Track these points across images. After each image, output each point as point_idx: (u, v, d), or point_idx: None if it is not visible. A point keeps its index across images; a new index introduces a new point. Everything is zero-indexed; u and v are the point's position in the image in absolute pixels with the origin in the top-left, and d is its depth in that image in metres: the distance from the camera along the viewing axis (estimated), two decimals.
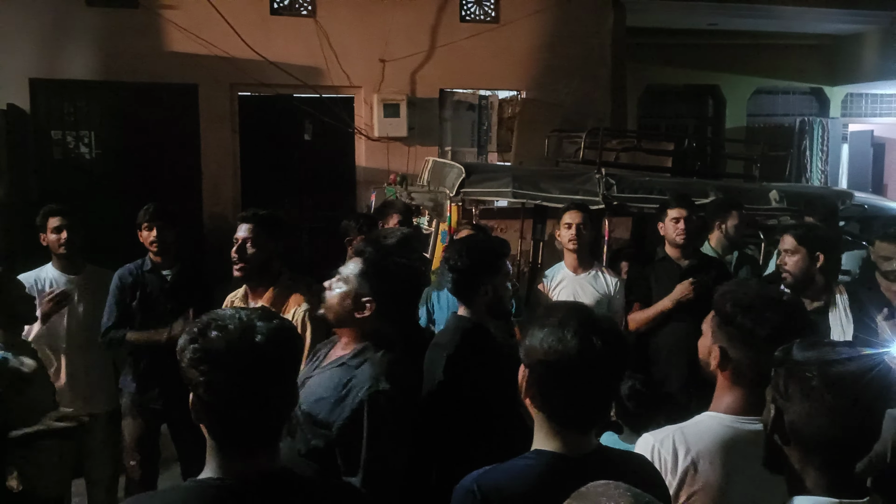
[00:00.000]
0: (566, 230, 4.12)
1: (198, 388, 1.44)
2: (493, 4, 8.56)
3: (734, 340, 1.82)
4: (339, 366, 2.24)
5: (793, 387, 1.41)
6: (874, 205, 6.40)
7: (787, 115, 12.40)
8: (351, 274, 2.31)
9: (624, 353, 1.63)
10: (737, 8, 9.93)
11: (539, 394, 1.59)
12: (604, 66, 8.78)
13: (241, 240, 3.09)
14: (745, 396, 1.82)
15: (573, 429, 1.60)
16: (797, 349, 1.46)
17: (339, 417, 2.12)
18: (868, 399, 1.38)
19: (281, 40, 7.84)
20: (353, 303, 2.27)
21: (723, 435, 1.79)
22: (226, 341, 1.43)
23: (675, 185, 5.21)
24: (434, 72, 8.34)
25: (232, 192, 7.98)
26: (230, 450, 1.47)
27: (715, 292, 1.95)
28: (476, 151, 8.87)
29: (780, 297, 1.87)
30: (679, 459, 1.76)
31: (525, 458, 1.61)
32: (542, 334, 1.57)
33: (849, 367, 1.38)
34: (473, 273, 2.67)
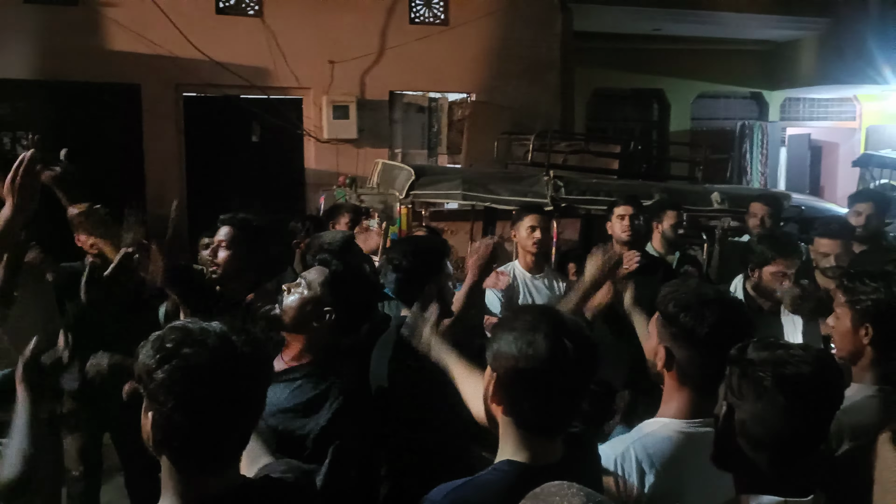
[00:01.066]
0: (529, 233, 4.13)
1: (173, 411, 1.33)
2: (442, 7, 8.58)
3: (677, 340, 1.84)
4: (304, 376, 2.21)
5: (746, 386, 1.44)
6: (811, 206, 6.63)
7: (728, 118, 12.74)
8: (315, 281, 2.28)
9: (594, 357, 1.58)
10: (680, 14, 10.17)
11: (508, 399, 1.54)
12: (552, 69, 8.89)
13: (217, 242, 3.01)
14: (692, 399, 1.83)
15: (542, 435, 1.56)
16: (752, 349, 1.49)
17: (315, 428, 2.09)
18: (818, 400, 1.42)
19: (227, 40, 7.71)
20: (314, 311, 2.24)
21: (679, 442, 1.80)
22: (207, 357, 1.34)
23: (621, 187, 5.30)
24: (384, 74, 8.32)
25: (177, 194, 7.79)
26: (194, 471, 1.39)
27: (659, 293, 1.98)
28: (426, 153, 8.89)
29: (718, 296, 1.88)
30: (645, 473, 1.76)
31: (496, 470, 1.55)
32: (511, 338, 1.52)
33: (801, 369, 1.41)
34: (417, 273, 2.67)
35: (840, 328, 2.13)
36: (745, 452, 1.46)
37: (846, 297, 2.11)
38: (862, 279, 2.08)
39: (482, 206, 5.28)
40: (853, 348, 2.09)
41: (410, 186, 5.06)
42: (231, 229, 2.99)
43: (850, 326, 2.09)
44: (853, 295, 2.09)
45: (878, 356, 2.06)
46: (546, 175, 5.21)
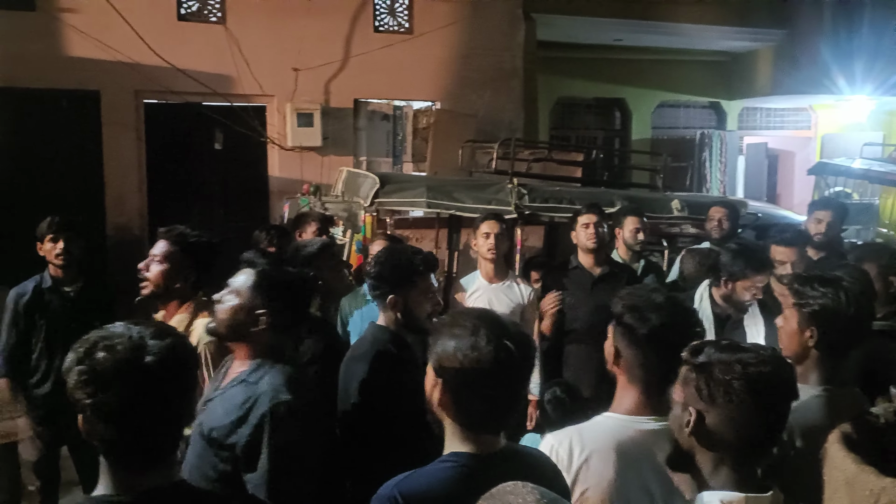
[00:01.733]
0: (484, 240, 4.13)
1: (84, 409, 1.40)
2: (406, 16, 8.61)
3: (623, 338, 1.92)
4: (240, 383, 2.17)
5: (716, 390, 1.48)
6: (768, 213, 6.78)
7: (688, 127, 12.97)
8: (243, 286, 2.24)
9: (532, 358, 1.66)
10: (640, 25, 10.34)
11: (452, 402, 1.58)
12: (516, 78, 8.97)
13: (151, 256, 2.93)
14: (638, 397, 1.90)
15: (485, 432, 1.62)
16: (710, 352, 1.53)
17: (243, 436, 2.05)
18: (781, 398, 1.49)
19: (189, 47, 7.64)
20: (247, 316, 2.21)
21: (616, 434, 1.86)
22: (113, 362, 1.39)
23: (584, 195, 5.36)
24: (348, 81, 8.31)
25: (138, 204, 7.71)
26: (121, 467, 1.45)
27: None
28: (391, 161, 8.89)
29: (666, 300, 1.94)
30: (574, 457, 1.82)
31: (442, 461, 1.61)
32: (454, 342, 1.56)
33: (763, 369, 1.46)
34: (383, 281, 2.68)
35: (787, 329, 2.19)
36: (711, 454, 1.50)
37: (795, 299, 2.17)
38: (812, 283, 2.14)
39: (447, 214, 5.30)
40: (799, 349, 2.14)
41: (375, 194, 5.05)
42: (167, 244, 2.91)
43: (795, 328, 2.15)
44: (801, 298, 2.14)
45: (822, 358, 2.12)
46: (510, 183, 5.25)
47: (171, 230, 2.98)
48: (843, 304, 2.09)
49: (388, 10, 8.57)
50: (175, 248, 2.92)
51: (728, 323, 3.58)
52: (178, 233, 2.97)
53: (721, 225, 4.88)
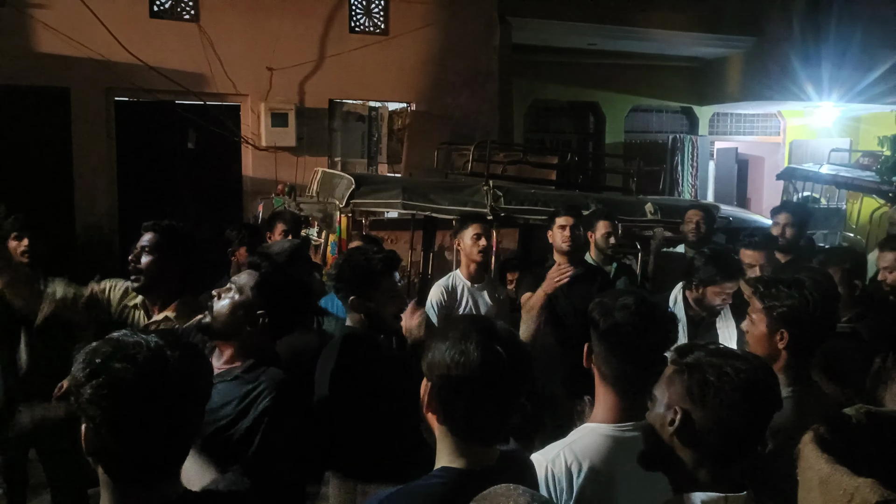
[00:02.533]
0: (474, 242, 4.14)
1: (100, 425, 1.32)
2: (382, 17, 8.60)
3: (593, 335, 1.96)
4: (234, 379, 2.18)
5: (707, 393, 1.49)
6: (738, 217, 6.87)
7: (660, 132, 13.12)
8: (246, 285, 2.26)
9: (527, 365, 1.61)
10: (614, 30, 10.45)
11: (442, 407, 1.55)
12: (491, 80, 9.00)
13: (140, 248, 2.90)
14: (616, 403, 1.91)
15: (476, 442, 1.57)
16: (698, 355, 1.54)
17: (241, 429, 2.07)
18: (767, 400, 1.51)
19: (161, 44, 7.55)
20: (246, 314, 2.22)
21: (606, 446, 1.86)
22: (134, 374, 1.32)
23: (558, 198, 5.40)
24: (323, 82, 8.28)
25: (108, 203, 7.60)
26: (129, 481, 1.38)
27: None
28: (366, 162, 8.87)
29: (638, 301, 1.96)
30: (573, 474, 1.81)
31: (432, 477, 1.56)
32: (444, 347, 1.53)
33: (757, 376, 1.49)
34: (344, 283, 2.69)
35: (755, 332, 2.22)
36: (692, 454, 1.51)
37: (762, 303, 2.20)
38: (776, 286, 2.18)
39: (422, 216, 5.30)
40: (769, 352, 2.17)
41: (350, 195, 5.04)
42: (154, 235, 2.89)
43: (765, 331, 2.18)
44: (769, 301, 2.18)
45: (792, 359, 2.17)
46: (485, 185, 5.27)
47: (158, 222, 2.97)
48: (810, 304, 2.13)
49: (363, 10, 8.55)
50: (164, 239, 2.90)
51: (701, 325, 3.64)
52: (165, 224, 2.96)
53: (699, 228, 4.95)
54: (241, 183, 8.16)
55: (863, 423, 1.26)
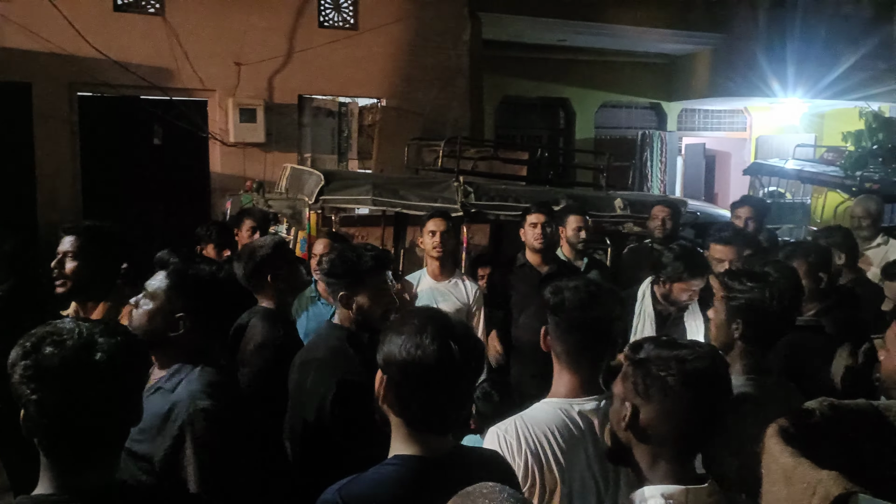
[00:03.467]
0: (430, 238, 4.13)
1: (28, 405, 1.36)
2: (351, 11, 8.54)
3: (549, 319, 2.03)
4: (156, 391, 2.07)
5: (652, 386, 1.51)
6: (706, 212, 6.96)
7: (630, 127, 13.23)
8: (158, 289, 2.15)
9: (479, 357, 1.67)
10: (583, 26, 10.49)
11: (397, 399, 1.59)
12: (461, 76, 8.99)
13: (62, 253, 2.75)
14: (571, 379, 1.98)
15: (430, 432, 1.61)
16: (648, 348, 1.56)
17: (161, 448, 1.96)
18: (717, 392, 1.52)
19: (126, 38, 7.41)
20: (165, 321, 2.12)
21: (557, 417, 1.92)
22: (60, 358, 1.35)
23: (529, 194, 5.41)
24: (292, 77, 8.20)
25: (72, 200, 7.45)
26: (62, 466, 1.41)
27: None
28: (336, 158, 8.81)
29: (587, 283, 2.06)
30: (521, 443, 1.86)
31: (386, 464, 1.60)
32: (399, 340, 1.57)
33: (699, 365, 1.50)
34: (334, 278, 2.65)
35: (716, 321, 2.30)
36: (648, 448, 1.52)
37: (723, 292, 2.26)
38: (741, 278, 2.23)
39: (393, 212, 5.27)
40: (726, 340, 2.26)
41: (320, 192, 4.99)
42: (76, 238, 2.75)
43: (724, 320, 2.26)
44: (729, 291, 2.24)
45: (746, 349, 2.23)
46: (456, 181, 5.26)
47: (77, 225, 2.85)
48: (768, 298, 2.18)
49: (332, 5, 8.48)
50: (85, 242, 2.77)
51: (669, 319, 3.67)
52: (85, 226, 2.83)
53: (664, 224, 4.99)
54: (208, 179, 8.06)
55: (826, 416, 1.28)
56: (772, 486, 1.15)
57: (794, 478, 1.09)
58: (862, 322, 3.32)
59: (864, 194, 6.14)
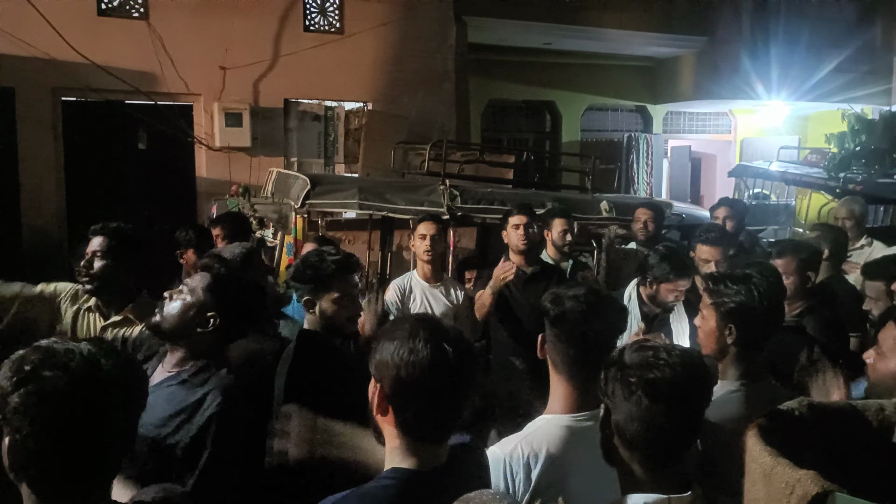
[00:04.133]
0: (421, 241, 4.13)
1: (27, 437, 1.25)
2: (337, 15, 8.54)
3: (546, 328, 2.00)
4: (180, 383, 2.15)
5: (617, 389, 1.51)
6: (692, 214, 7.00)
7: (615, 130, 13.29)
8: (198, 286, 2.25)
9: (474, 362, 1.62)
10: (568, 29, 10.54)
11: (392, 408, 1.54)
12: (447, 80, 9.01)
13: (90, 253, 2.89)
14: (571, 393, 1.95)
15: (427, 441, 1.56)
16: (627, 352, 1.55)
17: (187, 436, 2.04)
18: (682, 400, 1.48)
19: (110, 43, 7.38)
20: (197, 316, 2.21)
21: (562, 436, 1.89)
22: (66, 382, 1.26)
23: (515, 196, 5.42)
24: (278, 81, 8.18)
25: (56, 205, 7.40)
26: (58, 496, 1.31)
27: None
28: (323, 162, 8.80)
29: (588, 292, 2.01)
30: (531, 465, 1.83)
31: (383, 478, 1.55)
32: (392, 347, 1.52)
33: (665, 371, 1.47)
34: (301, 283, 2.65)
35: (705, 328, 2.25)
36: (623, 451, 1.52)
37: (711, 299, 2.23)
38: (725, 282, 2.22)
39: (379, 216, 5.27)
40: (718, 347, 2.22)
41: (306, 196, 4.99)
42: (105, 239, 2.90)
43: (714, 326, 2.21)
44: (718, 297, 2.21)
45: (740, 354, 2.20)
46: (442, 184, 5.26)
47: (107, 225, 2.95)
48: (757, 300, 2.17)
49: (318, 9, 8.48)
50: (115, 241, 2.89)
51: (655, 321, 3.68)
52: (115, 227, 2.95)
53: (647, 227, 5.01)
54: (194, 184, 8.03)
55: (805, 415, 1.29)
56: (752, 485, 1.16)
57: (773, 477, 1.10)
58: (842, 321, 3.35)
59: (849, 196, 6.19)
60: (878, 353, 1.98)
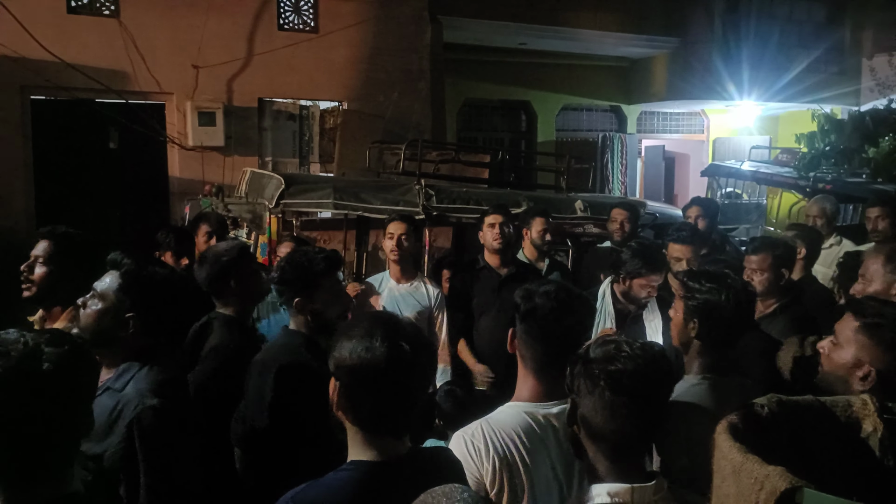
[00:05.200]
0: (389, 241, 4.12)
1: None
2: (311, 14, 8.49)
3: (516, 323, 2.01)
4: (105, 391, 2.05)
5: (582, 383, 1.53)
6: (665, 213, 7.05)
7: (590, 130, 13.38)
8: (108, 289, 2.14)
9: (430, 358, 1.67)
10: (543, 29, 10.59)
11: (350, 404, 1.57)
12: (423, 79, 9.00)
13: (34, 257, 2.76)
14: (535, 383, 1.98)
15: (385, 435, 1.60)
16: (592, 347, 1.57)
17: (109, 447, 1.95)
18: (643, 394, 1.50)
19: (80, 41, 7.27)
20: (114, 321, 2.11)
21: (523, 421, 1.92)
22: (5, 369, 1.30)
23: (491, 196, 5.43)
24: (252, 80, 8.12)
25: (24, 205, 7.27)
26: (8, 482, 1.36)
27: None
28: (298, 162, 8.74)
29: (555, 287, 2.03)
30: (490, 448, 1.86)
31: (341, 470, 1.59)
32: (350, 345, 1.56)
33: (627, 366, 1.50)
34: (287, 285, 2.62)
35: (675, 320, 2.33)
36: (589, 444, 1.55)
37: (682, 292, 2.30)
38: (700, 279, 2.26)
39: (355, 215, 5.25)
40: (683, 339, 2.29)
41: (280, 195, 4.95)
42: (49, 243, 2.74)
43: (682, 319, 2.28)
44: (688, 291, 2.27)
45: (703, 348, 2.26)
46: (417, 184, 5.25)
47: (54, 230, 2.82)
48: (724, 299, 2.21)
49: (292, 8, 8.43)
50: (58, 248, 2.75)
51: (629, 318, 3.71)
52: (60, 233, 2.80)
53: (623, 227, 5.04)
54: (167, 184, 7.93)
55: (774, 412, 1.31)
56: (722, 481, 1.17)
57: (743, 473, 1.11)
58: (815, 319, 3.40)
59: (820, 195, 6.29)
60: (834, 344, 2.00)
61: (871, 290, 2.58)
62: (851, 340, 1.95)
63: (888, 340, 1.89)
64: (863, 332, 1.93)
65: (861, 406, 1.39)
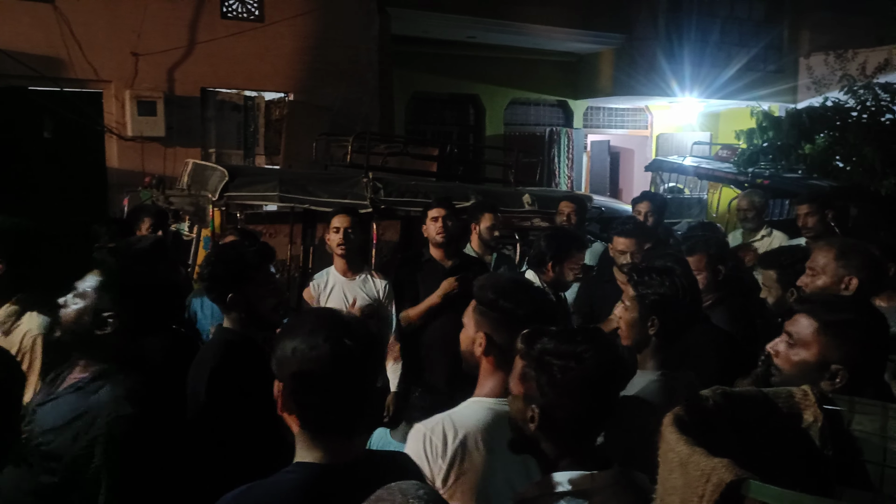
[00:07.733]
0: (334, 234, 4.08)
1: None
2: (256, 3, 8.32)
3: (499, 325, 1.95)
4: (76, 391, 2.01)
5: (542, 376, 1.53)
6: (610, 207, 7.17)
7: (538, 124, 13.49)
8: (89, 288, 2.09)
9: (377, 354, 1.63)
10: (491, 23, 10.62)
11: (296, 405, 1.52)
12: (371, 71, 8.92)
13: None
14: (499, 378, 1.94)
15: (335, 435, 1.55)
16: (547, 341, 1.58)
17: (74, 450, 1.89)
18: (602, 381, 1.54)
19: (12, 26, 6.97)
20: (93, 320, 2.06)
21: (486, 417, 1.90)
22: None
23: (439, 189, 5.41)
24: (195, 69, 7.92)
25: None
26: None
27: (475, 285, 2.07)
28: (243, 154, 8.57)
29: (529, 283, 2.05)
30: (448, 443, 1.84)
31: (286, 472, 1.53)
32: (292, 344, 1.51)
33: (585, 355, 1.52)
34: (217, 282, 2.56)
35: (628, 318, 2.29)
36: (548, 435, 1.55)
37: (635, 290, 2.28)
38: (649, 274, 2.27)
39: (301, 209, 5.17)
40: (640, 338, 2.27)
41: (224, 188, 4.83)
42: None
43: (637, 317, 2.26)
44: (642, 289, 2.26)
45: (660, 344, 2.26)
46: (365, 177, 5.20)
47: None
48: (679, 292, 2.23)
49: None
50: None
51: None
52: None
53: (570, 220, 5.09)
54: (105, 175, 7.68)
55: (719, 404, 1.32)
56: (669, 473, 1.18)
57: (690, 465, 1.12)
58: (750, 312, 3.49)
59: (749, 189, 6.47)
60: (791, 345, 1.92)
61: (819, 284, 2.62)
62: (812, 342, 1.88)
63: (854, 339, 1.84)
64: (825, 333, 1.86)
65: (802, 397, 1.42)
